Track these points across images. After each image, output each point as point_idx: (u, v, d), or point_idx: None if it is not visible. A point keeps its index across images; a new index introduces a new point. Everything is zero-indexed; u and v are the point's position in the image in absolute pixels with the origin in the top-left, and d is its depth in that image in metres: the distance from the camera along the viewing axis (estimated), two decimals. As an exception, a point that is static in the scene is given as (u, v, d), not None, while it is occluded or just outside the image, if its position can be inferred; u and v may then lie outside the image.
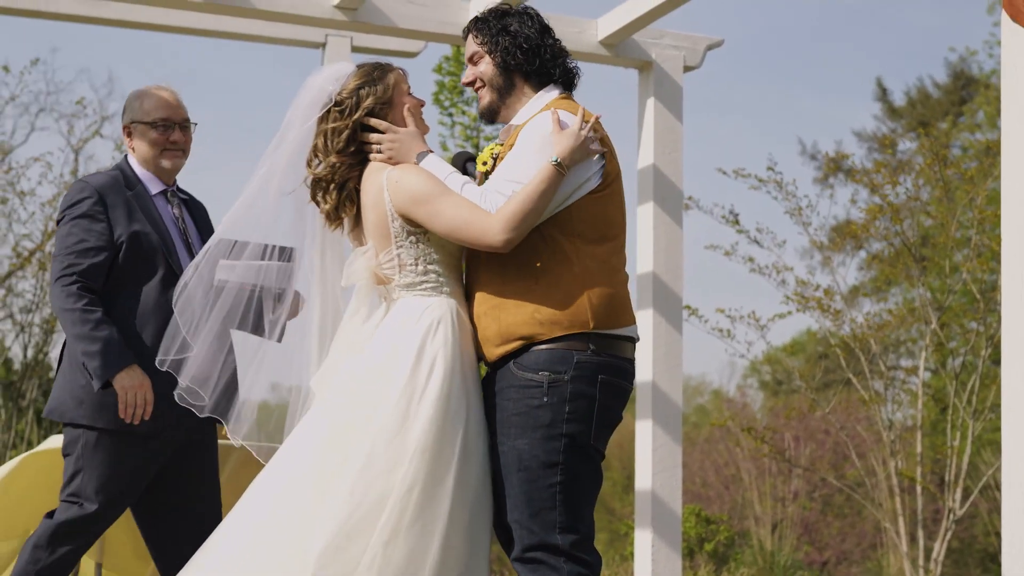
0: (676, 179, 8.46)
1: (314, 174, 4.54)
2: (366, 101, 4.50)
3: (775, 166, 12.62)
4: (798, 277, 12.67)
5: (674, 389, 8.26)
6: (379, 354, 4.37)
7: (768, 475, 23.05)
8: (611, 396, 4.39)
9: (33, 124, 21.63)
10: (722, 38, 8.75)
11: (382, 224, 4.42)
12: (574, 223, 4.39)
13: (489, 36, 4.60)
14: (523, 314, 4.33)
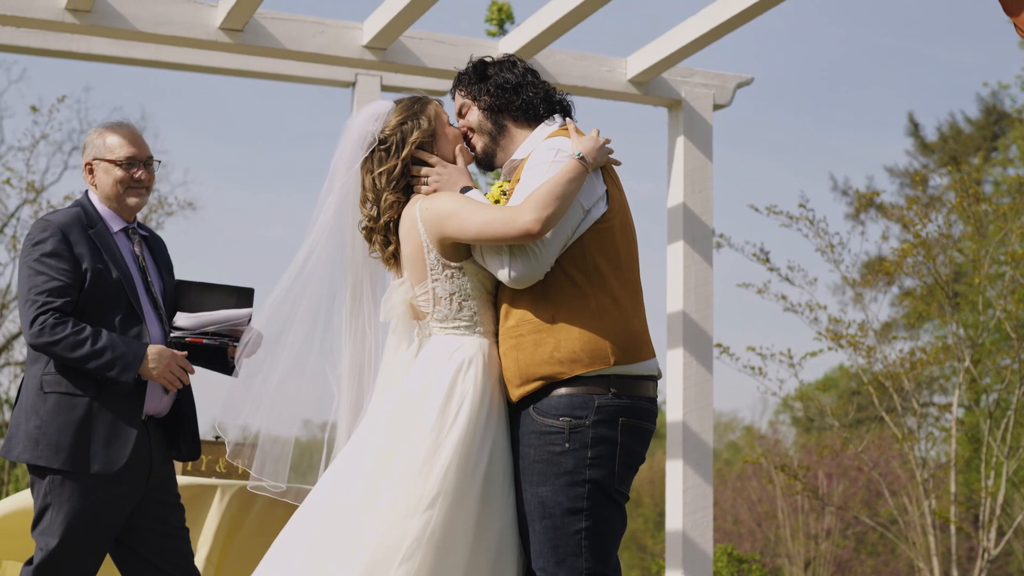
0: (706, 217, 8.44)
1: (369, 216, 4.52)
2: (412, 136, 4.48)
3: (807, 203, 12.57)
4: (831, 315, 12.61)
5: (704, 429, 8.22)
6: (410, 392, 4.34)
7: (800, 512, 22.93)
8: (633, 438, 4.34)
9: (66, 162, 21.80)
10: (752, 76, 8.75)
11: (418, 256, 4.40)
12: (587, 256, 4.35)
13: (471, 85, 4.63)
14: (542, 353, 4.29)
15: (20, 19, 7.38)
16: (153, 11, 7.54)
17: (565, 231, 4.31)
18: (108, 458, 5.05)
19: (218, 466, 6.90)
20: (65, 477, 5.04)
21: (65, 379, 5.07)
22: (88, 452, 5.04)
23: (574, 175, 4.28)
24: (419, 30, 8.02)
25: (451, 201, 4.36)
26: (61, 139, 23.14)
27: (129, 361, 5.04)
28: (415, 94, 4.69)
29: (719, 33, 7.81)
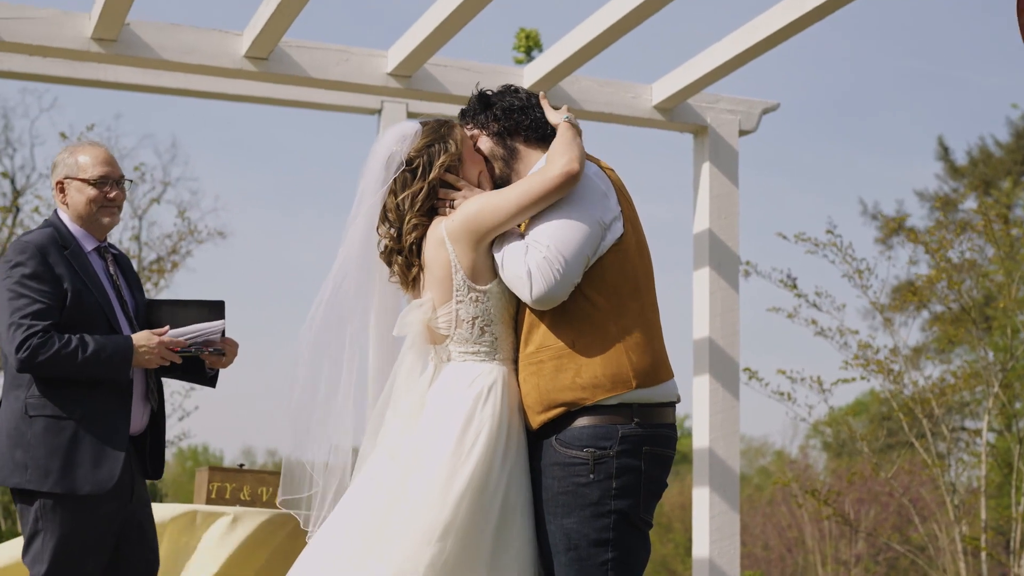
0: (732, 244, 8.42)
1: (389, 237, 4.49)
2: (440, 159, 4.44)
3: (834, 229, 12.53)
4: (860, 340, 12.56)
5: (731, 455, 8.19)
6: (429, 421, 4.31)
7: (830, 538, 22.81)
8: (656, 467, 4.31)
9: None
10: (778, 102, 8.73)
11: (445, 277, 4.36)
12: (606, 278, 4.31)
13: (476, 116, 4.62)
14: (563, 379, 4.26)
15: (47, 49, 7.42)
16: (179, 40, 7.57)
17: (586, 251, 4.27)
18: (97, 479, 5.04)
19: (242, 494, 6.90)
20: (55, 501, 5.03)
21: (50, 402, 5.06)
22: (77, 474, 5.02)
23: (574, 132, 4.40)
24: (444, 57, 8.04)
25: (472, 202, 4.34)
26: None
27: (124, 356, 5.08)
28: (440, 117, 4.67)
29: (744, 59, 7.80)
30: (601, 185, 4.38)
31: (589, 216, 4.29)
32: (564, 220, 4.27)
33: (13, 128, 23.03)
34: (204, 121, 55.94)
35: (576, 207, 4.30)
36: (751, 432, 53.68)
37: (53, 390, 5.06)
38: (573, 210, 4.29)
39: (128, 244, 14.79)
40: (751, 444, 45.24)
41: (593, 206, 4.32)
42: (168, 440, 14.79)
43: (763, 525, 25.38)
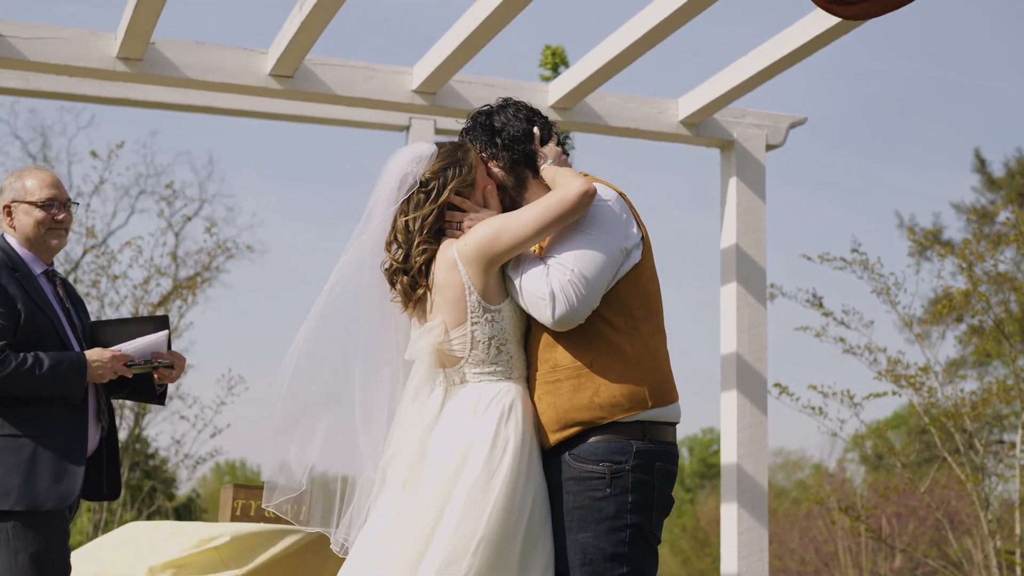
0: (759, 259, 8.39)
1: (395, 259, 4.47)
2: (452, 183, 4.43)
3: (859, 247, 12.47)
4: (890, 356, 12.47)
5: (759, 471, 8.15)
6: (454, 444, 4.29)
7: (867, 553, 22.66)
8: (666, 483, 4.35)
9: (133, 207, 22.02)
10: (805, 116, 8.70)
11: (459, 299, 4.35)
12: (622, 301, 4.35)
13: (484, 143, 4.56)
14: (581, 399, 4.28)
15: (74, 68, 7.46)
16: (204, 59, 7.60)
17: (607, 276, 4.30)
18: (59, 494, 5.09)
19: (267, 511, 6.89)
20: (20, 521, 5.06)
21: (7, 422, 5.11)
22: (39, 490, 5.06)
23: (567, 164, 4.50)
24: (468, 74, 8.04)
25: (486, 226, 4.34)
26: (128, 183, 23.39)
27: (78, 371, 5.13)
28: (456, 140, 4.66)
29: (771, 73, 7.77)
30: (623, 213, 4.40)
31: (612, 242, 4.32)
32: (587, 245, 4.30)
33: (51, 146, 23.16)
34: (240, 138, 56.23)
35: (599, 233, 4.32)
36: (789, 445, 53.42)
37: (8, 409, 5.11)
38: (596, 235, 4.31)
39: (164, 261, 14.87)
40: (788, 458, 45.07)
41: (616, 233, 4.34)
42: (200, 457, 14.90)
43: (800, 539, 25.24)
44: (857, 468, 31.92)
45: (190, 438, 15.10)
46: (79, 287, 15.93)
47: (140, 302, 14.17)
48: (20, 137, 23.56)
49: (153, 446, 18.69)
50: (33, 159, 22.81)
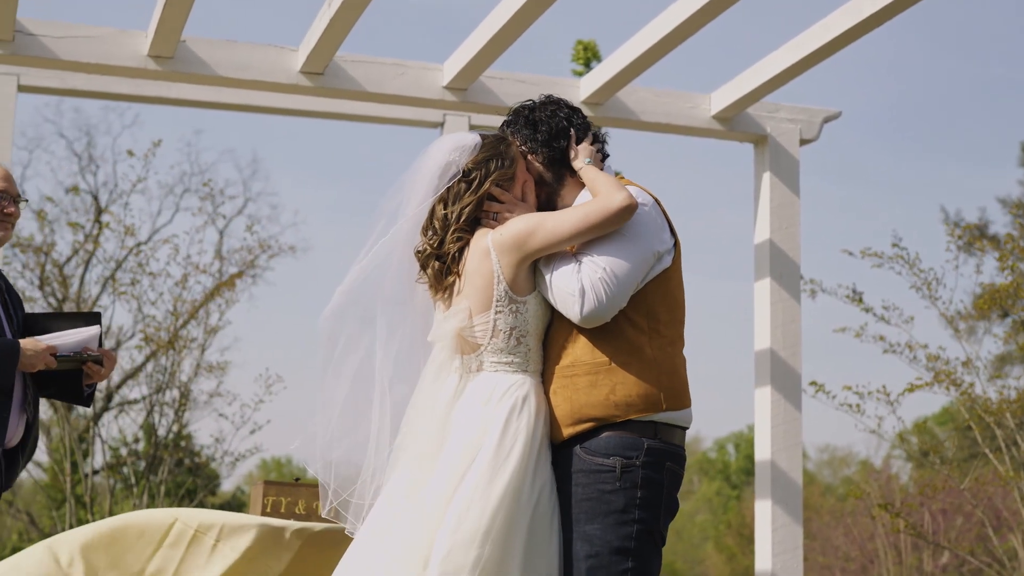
0: (793, 254, 8.33)
1: (429, 244, 4.49)
2: (494, 175, 4.47)
3: (900, 241, 12.34)
4: (929, 353, 12.36)
5: (793, 467, 8.09)
6: (464, 430, 4.31)
7: (911, 550, 22.50)
8: (673, 484, 4.38)
9: (178, 205, 22.12)
10: (839, 110, 8.63)
11: (487, 287, 4.37)
12: (648, 303, 4.37)
13: (524, 137, 4.59)
14: (597, 395, 4.30)
15: (104, 67, 7.49)
16: (234, 56, 7.62)
17: (637, 278, 4.33)
18: None
19: (297, 508, 6.90)
20: None
21: None
22: None
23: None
24: (499, 70, 8.02)
25: (525, 220, 4.37)
26: (172, 182, 23.50)
27: (11, 357, 5.14)
28: (499, 134, 4.67)
29: (804, 67, 7.71)
30: (658, 219, 4.44)
31: (645, 245, 4.35)
32: (620, 245, 4.32)
33: (96, 145, 23.34)
34: (283, 136, 56.50)
35: (633, 235, 4.35)
36: (836, 442, 53.23)
37: None
38: (630, 237, 4.34)
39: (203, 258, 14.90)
40: (835, 454, 44.86)
41: (650, 236, 4.37)
42: (240, 454, 14.93)
43: (844, 536, 25.11)
44: (904, 464, 31.74)
45: (228, 435, 15.18)
46: (118, 286, 16.02)
47: (179, 300, 14.23)
48: (65, 136, 23.76)
49: (197, 444, 18.80)
50: (78, 158, 23.00)
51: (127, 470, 16.51)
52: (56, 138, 28.89)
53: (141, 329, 15.22)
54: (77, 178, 22.62)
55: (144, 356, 15.97)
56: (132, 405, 18.78)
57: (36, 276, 18.55)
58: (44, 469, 21.03)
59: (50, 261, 18.80)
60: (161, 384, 14.90)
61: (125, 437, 17.55)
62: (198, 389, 15.66)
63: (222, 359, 16.04)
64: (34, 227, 18.53)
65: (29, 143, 24.46)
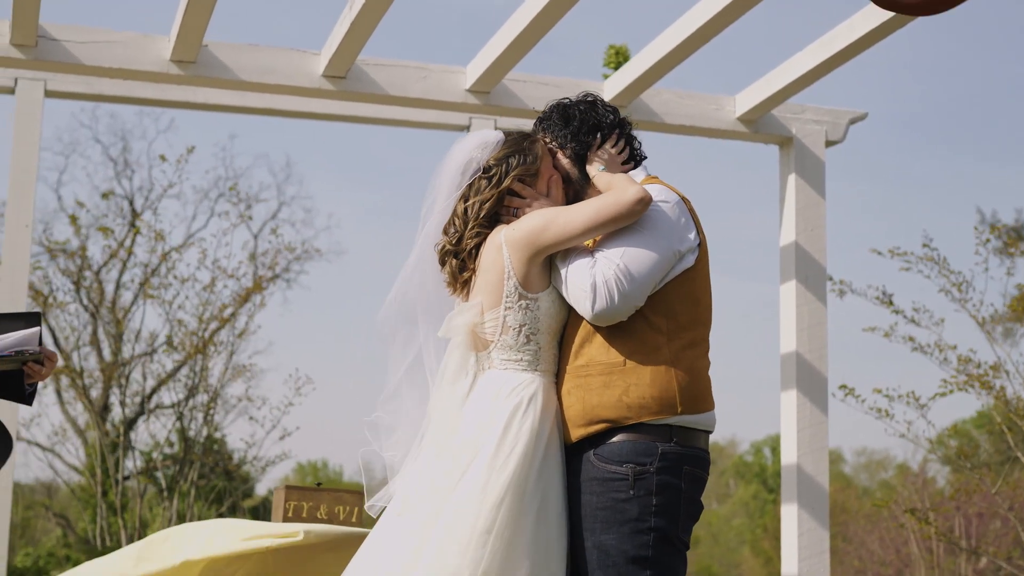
0: (819, 256, 8.28)
1: (448, 241, 4.47)
2: (515, 170, 4.41)
3: (931, 242, 12.26)
4: (960, 355, 12.25)
5: (820, 471, 8.04)
6: (468, 428, 4.28)
7: (949, 555, 22.35)
8: (694, 487, 4.26)
9: (212, 209, 22.18)
10: (866, 111, 8.58)
11: (497, 282, 4.32)
12: (668, 302, 4.27)
13: (556, 131, 4.53)
14: (610, 396, 4.21)
15: (127, 71, 7.51)
16: (256, 60, 7.62)
17: (655, 276, 4.23)
18: None
19: (319, 513, 6.90)
20: None
21: None
22: None
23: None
24: (522, 72, 8.00)
25: (537, 215, 4.32)
26: (207, 186, 23.56)
27: None
28: (524, 131, 4.64)
29: (829, 67, 7.67)
30: (682, 217, 4.33)
31: (665, 243, 4.26)
32: (639, 242, 4.23)
33: (131, 150, 23.39)
34: (317, 140, 56.54)
35: (653, 231, 4.26)
36: (872, 445, 52.92)
37: None
38: (649, 234, 4.25)
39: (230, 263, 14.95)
40: (872, 457, 44.63)
41: (670, 234, 4.28)
42: (270, 459, 15.00)
43: (880, 541, 24.97)
44: (941, 468, 31.55)
45: (258, 438, 15.24)
46: (147, 291, 16.08)
47: (207, 304, 14.28)
48: (101, 141, 23.88)
49: (229, 448, 18.85)
50: (114, 163, 23.09)
51: (159, 475, 16.60)
52: (92, 143, 29.01)
53: (168, 335, 15.29)
54: (113, 183, 22.73)
55: (173, 361, 16.04)
56: (163, 410, 18.88)
57: (70, 281, 18.64)
58: (80, 472, 21.14)
59: (86, 266, 18.91)
60: (193, 388, 14.95)
61: (158, 441, 17.64)
62: (228, 393, 15.73)
63: (250, 362, 16.11)
64: (69, 232, 18.64)
65: (65, 148, 24.62)
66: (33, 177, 8.41)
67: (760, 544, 40.57)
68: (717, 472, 49.75)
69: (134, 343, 17.80)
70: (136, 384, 17.95)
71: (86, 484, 20.33)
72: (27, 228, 8.40)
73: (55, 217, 25.05)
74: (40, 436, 22.66)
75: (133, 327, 18.03)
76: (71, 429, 20.05)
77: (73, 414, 20.30)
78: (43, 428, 35.65)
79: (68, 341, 18.81)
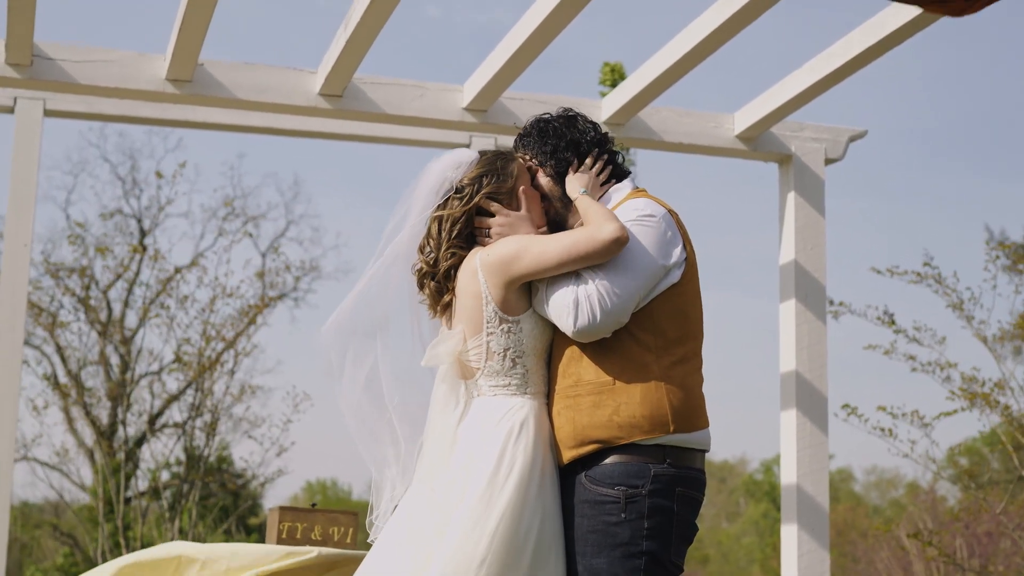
0: (819, 275, 8.23)
1: (425, 262, 4.42)
2: (487, 188, 4.37)
3: (931, 260, 12.20)
4: (963, 373, 12.18)
5: (820, 492, 7.97)
6: (461, 457, 4.22)
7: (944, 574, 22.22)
8: (688, 509, 4.19)
9: (220, 228, 22.17)
10: (865, 129, 8.53)
11: (476, 308, 4.27)
12: (655, 319, 4.20)
13: (535, 148, 4.49)
14: (600, 416, 4.14)
15: (122, 91, 7.49)
16: (252, 79, 7.60)
17: (639, 292, 4.17)
18: None
19: (313, 534, 6.85)
20: None
21: None
22: None
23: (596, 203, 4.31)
24: (519, 91, 7.97)
25: (513, 242, 4.26)
26: (215, 205, 23.57)
27: None
28: (501, 149, 4.60)
29: (827, 84, 7.63)
30: (668, 231, 4.27)
31: (650, 258, 4.20)
32: (623, 258, 4.18)
33: (140, 169, 23.41)
34: (325, 160, 56.69)
35: (637, 247, 4.20)
36: (883, 463, 52.78)
37: None
38: (635, 250, 4.19)
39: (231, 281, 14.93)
40: (883, 476, 44.50)
41: (655, 249, 4.22)
42: (267, 477, 14.95)
43: (888, 561, 24.87)
44: (951, 487, 31.41)
45: (259, 457, 15.22)
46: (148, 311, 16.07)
47: (208, 324, 14.24)
48: (109, 160, 23.90)
49: (233, 466, 18.83)
50: (122, 182, 23.11)
51: (162, 494, 16.57)
52: (100, 162, 29.06)
53: (176, 352, 15.23)
54: (121, 202, 22.74)
55: (176, 381, 16.02)
56: (169, 429, 18.86)
57: (77, 300, 18.62)
58: (88, 490, 21.12)
59: (94, 285, 18.91)
60: (197, 408, 14.92)
61: (167, 461, 17.60)
62: (229, 412, 15.70)
63: (254, 383, 16.08)
64: (78, 251, 18.63)
65: (74, 167, 24.62)
66: (33, 196, 8.39)
67: (770, 563, 40.41)
68: (727, 490, 49.61)
69: (134, 362, 17.80)
70: (143, 403, 17.94)
71: (92, 504, 20.32)
72: (26, 247, 8.37)
73: (63, 236, 25.08)
74: (43, 454, 22.65)
75: (141, 346, 18.04)
76: (76, 448, 20.05)
77: (82, 435, 20.30)
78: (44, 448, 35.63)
79: (73, 361, 18.80)
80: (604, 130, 4.59)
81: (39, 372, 18.99)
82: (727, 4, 6.84)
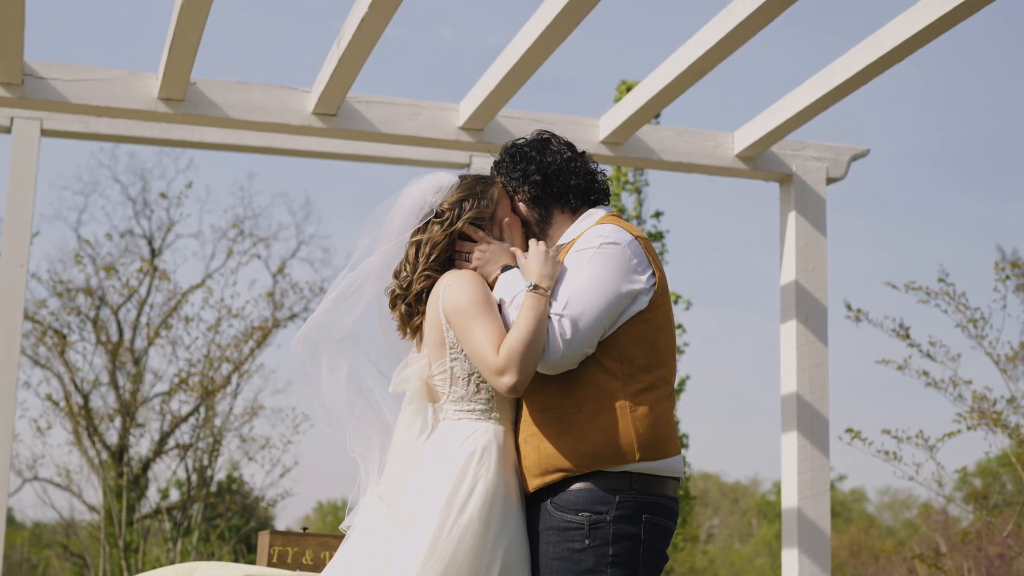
0: (820, 295, 8.12)
1: (399, 285, 4.36)
2: (468, 213, 4.33)
3: (946, 277, 12.09)
4: (975, 391, 12.07)
5: (821, 516, 7.86)
6: (422, 480, 4.14)
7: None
8: (656, 536, 4.10)
9: (231, 249, 22.11)
10: (867, 147, 8.43)
11: (438, 333, 4.23)
12: (621, 347, 4.13)
13: (510, 176, 4.43)
14: (564, 445, 4.08)
15: (115, 110, 7.42)
16: (246, 98, 7.52)
17: (604, 322, 4.10)
18: None
19: (304, 558, 6.77)
20: None
21: None
22: None
23: (539, 311, 4.08)
24: (516, 109, 7.90)
25: (468, 296, 4.17)
26: (225, 226, 23.51)
27: None
28: (481, 174, 4.54)
29: (827, 102, 7.52)
30: (633, 257, 4.20)
31: (615, 286, 4.13)
32: (585, 287, 4.12)
33: (151, 190, 23.37)
34: (336, 180, 56.67)
35: (602, 275, 4.14)
36: (896, 484, 52.55)
37: None
38: (597, 278, 4.13)
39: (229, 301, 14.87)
40: (896, 496, 44.27)
41: (619, 275, 4.15)
42: (272, 499, 14.88)
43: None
44: (964, 507, 31.21)
45: (260, 479, 15.16)
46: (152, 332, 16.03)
47: (212, 343, 14.17)
48: (120, 181, 23.85)
49: (248, 485, 18.75)
50: (133, 202, 23.06)
51: (168, 515, 16.50)
52: (111, 183, 29.05)
53: (186, 373, 15.17)
54: (132, 222, 22.71)
55: (180, 403, 15.97)
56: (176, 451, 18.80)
57: (80, 320, 18.58)
58: (97, 511, 21.08)
59: (105, 306, 18.86)
60: (199, 429, 14.87)
61: (177, 480, 17.54)
62: (237, 432, 15.64)
63: (263, 402, 16.04)
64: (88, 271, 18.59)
65: (85, 187, 24.60)
66: (30, 216, 8.34)
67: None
68: (739, 511, 49.40)
69: (143, 382, 17.74)
70: (151, 423, 17.88)
71: (100, 523, 20.27)
72: (22, 268, 8.32)
73: (71, 257, 25.09)
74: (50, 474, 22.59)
75: (149, 366, 17.98)
76: (87, 467, 19.99)
77: (91, 454, 20.27)
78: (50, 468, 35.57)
79: (86, 383, 18.75)
80: (581, 150, 4.53)
81: (42, 392, 18.99)
82: (724, 21, 6.75)
